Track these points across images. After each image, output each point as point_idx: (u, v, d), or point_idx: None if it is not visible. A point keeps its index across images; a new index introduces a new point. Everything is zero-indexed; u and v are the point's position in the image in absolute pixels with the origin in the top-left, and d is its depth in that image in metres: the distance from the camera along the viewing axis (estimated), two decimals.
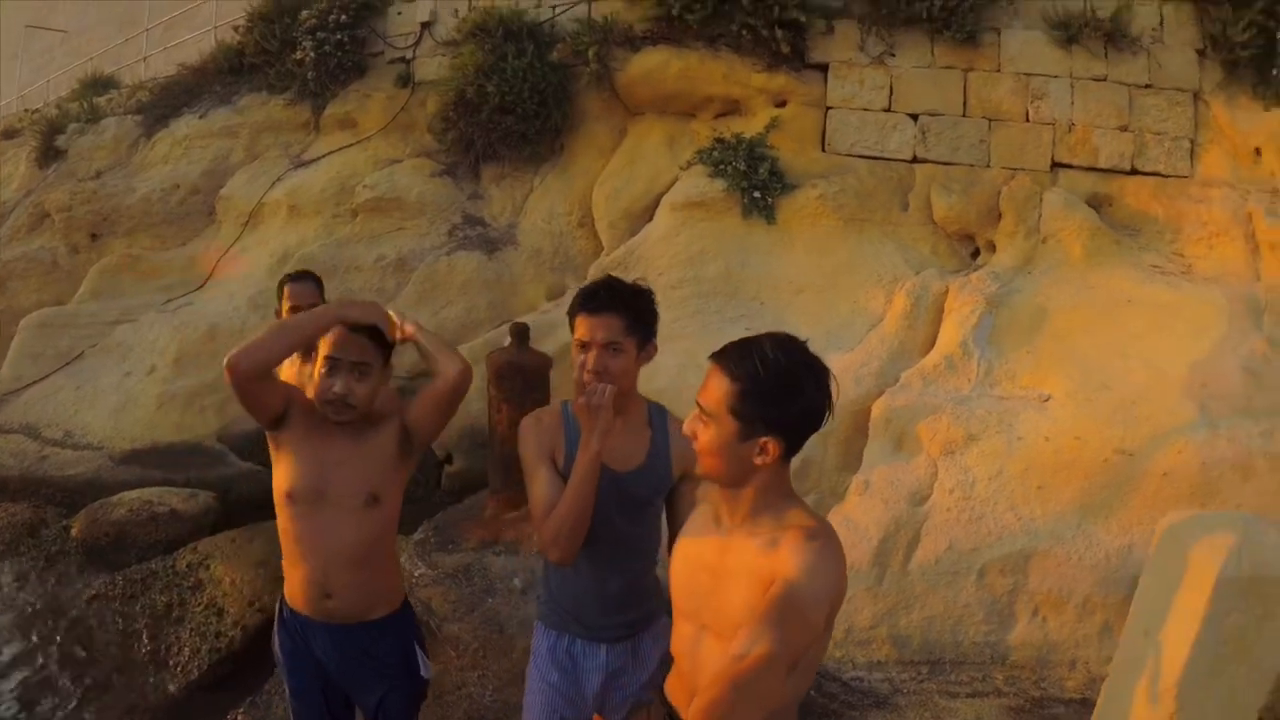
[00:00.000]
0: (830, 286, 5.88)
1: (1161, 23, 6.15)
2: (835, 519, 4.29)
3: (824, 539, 1.55)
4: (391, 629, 2.32)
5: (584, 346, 2.04)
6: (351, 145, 7.82)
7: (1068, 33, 6.07)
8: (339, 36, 7.61)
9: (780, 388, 1.53)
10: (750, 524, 1.62)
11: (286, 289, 3.34)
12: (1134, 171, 6.11)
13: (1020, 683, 3.74)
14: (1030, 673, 3.82)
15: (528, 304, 6.73)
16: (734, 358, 1.56)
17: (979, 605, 3.99)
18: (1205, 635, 2.71)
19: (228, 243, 7.65)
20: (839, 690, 3.49)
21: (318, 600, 2.23)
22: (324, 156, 7.83)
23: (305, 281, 3.38)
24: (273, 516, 2.26)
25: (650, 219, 6.56)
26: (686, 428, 1.63)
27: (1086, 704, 3.53)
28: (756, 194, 6.10)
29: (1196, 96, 6.15)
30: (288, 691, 2.43)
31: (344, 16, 7.60)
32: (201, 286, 7.41)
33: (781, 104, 6.49)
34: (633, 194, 6.73)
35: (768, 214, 6.11)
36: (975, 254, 6.15)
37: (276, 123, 8.16)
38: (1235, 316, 4.94)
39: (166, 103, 8.74)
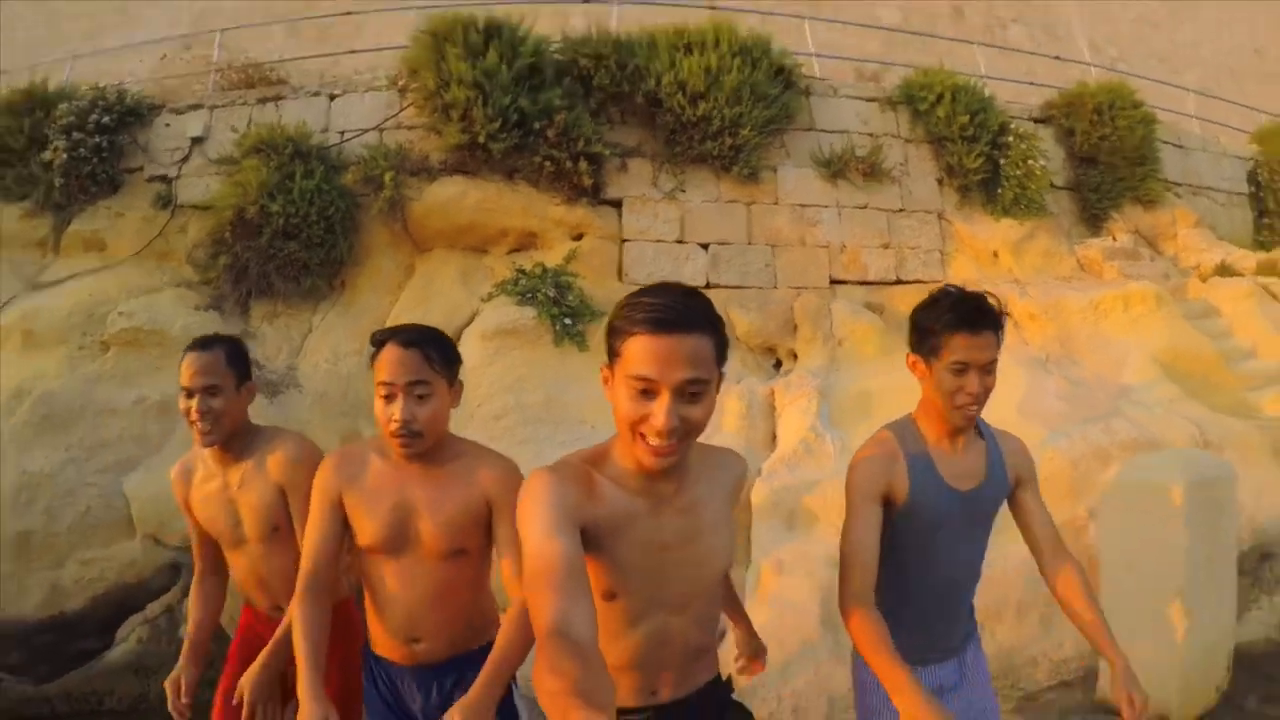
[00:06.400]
0: None
1: (907, 159, 7.10)
2: (765, 602, 4.42)
3: None
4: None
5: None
6: (100, 270, 6.96)
7: (833, 169, 6.88)
8: (97, 140, 6.80)
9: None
10: (692, 471, 1.57)
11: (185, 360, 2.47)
12: (899, 281, 6.98)
13: (1001, 690, 4.00)
14: (1004, 679, 4.10)
15: None
16: (692, 314, 1.38)
17: None
18: (1194, 544, 3.40)
19: None
20: None
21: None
22: (68, 279, 6.86)
23: (210, 351, 2.48)
24: None
25: None
26: (671, 424, 1.37)
27: (1064, 684, 3.94)
28: (568, 320, 6.17)
29: (940, 216, 7.17)
30: None
31: (106, 118, 6.85)
32: None
33: (578, 237, 6.64)
34: None
35: (579, 341, 6.20)
36: (777, 365, 6.62)
37: (7, 236, 7.05)
38: (1028, 371, 5.82)
39: None
